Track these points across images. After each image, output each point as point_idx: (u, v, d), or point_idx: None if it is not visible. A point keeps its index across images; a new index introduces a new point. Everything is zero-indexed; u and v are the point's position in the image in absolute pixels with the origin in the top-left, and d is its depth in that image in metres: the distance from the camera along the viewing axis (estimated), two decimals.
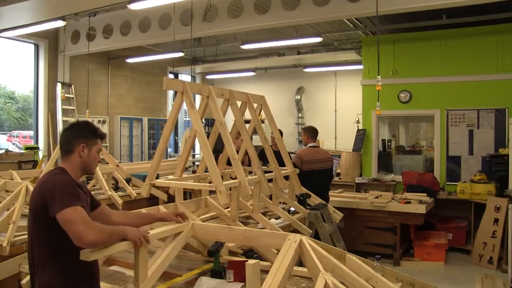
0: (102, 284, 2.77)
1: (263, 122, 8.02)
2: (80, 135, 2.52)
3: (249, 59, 12.71)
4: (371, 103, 8.76)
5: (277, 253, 2.54)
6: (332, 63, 12.24)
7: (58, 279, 2.34)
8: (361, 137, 9.49)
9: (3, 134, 10.32)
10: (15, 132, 11.73)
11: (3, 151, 8.86)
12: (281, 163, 5.22)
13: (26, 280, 3.05)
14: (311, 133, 6.40)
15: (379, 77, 5.46)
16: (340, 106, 13.20)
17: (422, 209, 6.68)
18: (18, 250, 3.81)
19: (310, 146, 6.31)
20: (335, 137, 13.16)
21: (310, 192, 5.56)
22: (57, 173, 2.42)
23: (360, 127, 10.00)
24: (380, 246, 6.92)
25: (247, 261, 2.58)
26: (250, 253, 3.24)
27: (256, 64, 13.04)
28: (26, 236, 3.90)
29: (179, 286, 2.84)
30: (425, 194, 7.34)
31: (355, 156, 9.46)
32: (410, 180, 8.03)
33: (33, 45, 10.08)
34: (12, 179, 5.63)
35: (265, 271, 2.56)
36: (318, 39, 9.00)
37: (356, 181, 9.09)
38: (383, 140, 9.91)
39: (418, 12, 6.81)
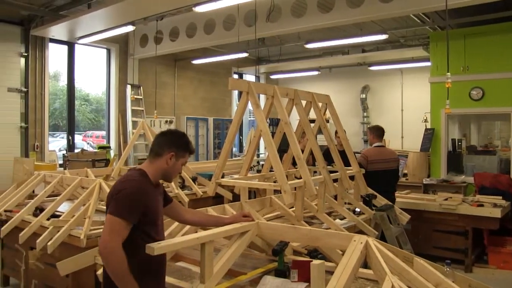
0: (169, 279, 2.86)
1: (328, 121, 7.95)
2: (173, 144, 2.59)
3: (313, 58, 12.64)
4: (440, 101, 8.44)
5: (342, 254, 2.51)
6: (398, 61, 11.93)
7: None
8: (429, 136, 9.17)
9: (78, 134, 10.88)
10: (89, 132, 12.33)
11: (79, 150, 9.36)
12: (347, 163, 5.15)
13: (101, 271, 3.21)
14: (377, 132, 6.26)
15: (448, 74, 5.25)
16: (407, 105, 12.84)
17: (497, 213, 6.33)
18: (93, 243, 4.01)
19: (376, 146, 6.18)
20: (402, 137, 12.82)
21: (375, 193, 5.45)
22: (135, 178, 2.48)
23: (428, 126, 9.67)
24: (450, 250, 6.62)
25: (311, 261, 2.57)
26: (314, 253, 3.22)
27: (320, 63, 12.95)
28: (101, 230, 4.13)
29: (243, 284, 2.86)
30: (501, 197, 6.95)
31: (423, 156, 9.15)
32: (483, 181, 7.62)
33: (105, 50, 10.58)
34: (87, 177, 5.94)
35: (330, 272, 2.53)
36: (383, 36, 8.80)
37: (424, 182, 8.79)
38: (453, 140, 9.51)
39: (492, 3, 6.46)
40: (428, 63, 9.67)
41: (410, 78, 12.75)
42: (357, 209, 5.13)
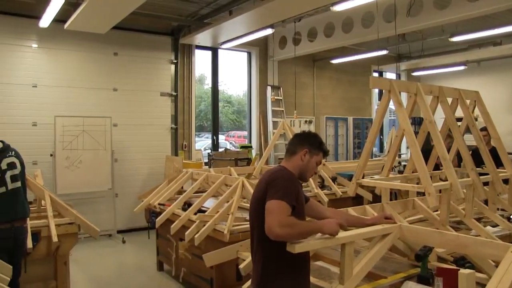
0: None
1: (476, 119, 7.37)
2: (306, 142, 2.73)
3: (458, 52, 11.76)
4: None
5: (496, 266, 2.30)
6: None
7: (267, 265, 2.52)
8: None
9: (222, 134, 11.50)
10: (232, 133, 12.95)
11: (222, 149, 9.90)
12: (497, 165, 4.73)
13: (243, 265, 3.37)
14: None
15: None
16: None
17: None
18: (236, 238, 4.25)
19: None
20: None
21: None
22: (284, 170, 2.65)
23: None
24: None
25: (459, 269, 2.41)
26: (461, 261, 3.03)
27: (466, 56, 12.01)
28: (243, 226, 4.35)
29: None
30: None
31: None
32: None
33: (246, 53, 11.04)
34: (231, 175, 6.27)
35: (480, 284, 2.36)
36: None
37: None
38: None
39: None
40: None
41: None
42: None
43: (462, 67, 12.54)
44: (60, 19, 7.00)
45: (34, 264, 4.34)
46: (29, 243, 4.06)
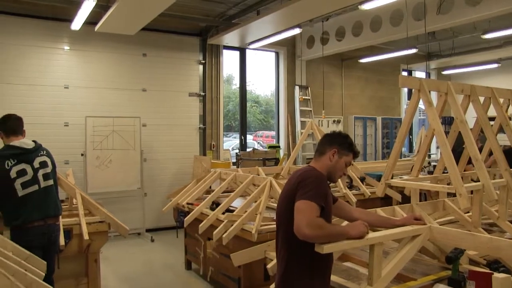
0: (336, 278, 2.87)
1: (510, 118, 7.17)
2: (336, 142, 2.71)
3: (491, 50, 11.49)
4: None
5: None
6: None
7: (290, 263, 2.52)
8: None
9: (249, 134, 11.52)
10: (260, 132, 12.99)
11: (250, 149, 9.92)
12: None
13: (271, 264, 3.36)
14: None
15: None
16: None
17: None
18: (263, 238, 4.26)
19: None
20: None
21: None
22: (314, 170, 2.62)
23: None
24: None
25: (492, 273, 2.35)
26: (495, 265, 2.95)
27: (500, 54, 11.72)
28: (271, 226, 4.35)
29: None
30: None
31: None
32: None
33: (274, 53, 11.03)
34: (258, 175, 6.27)
35: None
36: None
37: None
38: None
39: None
40: None
41: None
42: None
43: (495, 65, 12.24)
44: (91, 21, 7.15)
45: (66, 261, 4.43)
46: (62, 241, 4.16)
